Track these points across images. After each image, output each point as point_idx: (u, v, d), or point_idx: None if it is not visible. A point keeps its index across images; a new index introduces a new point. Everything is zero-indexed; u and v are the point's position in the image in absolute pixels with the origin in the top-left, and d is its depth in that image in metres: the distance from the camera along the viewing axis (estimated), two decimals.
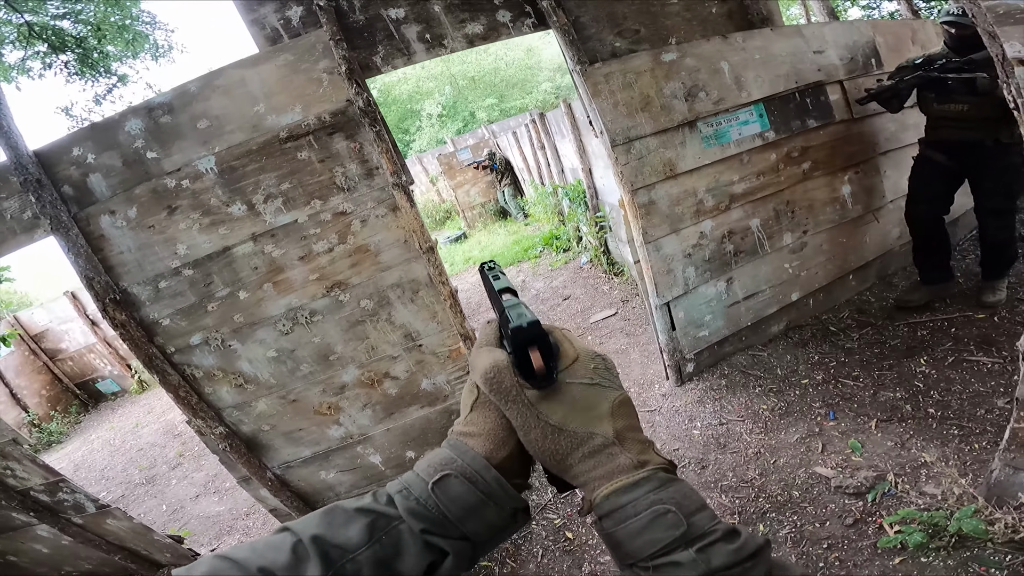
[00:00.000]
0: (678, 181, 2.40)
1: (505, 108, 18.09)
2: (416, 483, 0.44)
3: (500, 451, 0.46)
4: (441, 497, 0.43)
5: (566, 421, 0.45)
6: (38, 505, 2.23)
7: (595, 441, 0.44)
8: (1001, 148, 2.36)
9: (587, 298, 4.66)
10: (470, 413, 0.49)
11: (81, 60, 8.52)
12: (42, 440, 5.96)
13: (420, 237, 1.98)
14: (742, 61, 2.40)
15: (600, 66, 2.18)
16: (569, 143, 4.67)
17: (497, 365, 0.46)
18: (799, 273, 2.83)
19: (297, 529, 0.41)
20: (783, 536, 1.84)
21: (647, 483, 0.42)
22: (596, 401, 0.46)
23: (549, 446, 0.45)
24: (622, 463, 0.43)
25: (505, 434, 0.47)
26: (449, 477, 0.43)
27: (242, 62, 1.81)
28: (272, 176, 1.86)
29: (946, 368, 2.36)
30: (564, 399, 0.45)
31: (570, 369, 0.47)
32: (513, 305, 0.49)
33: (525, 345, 0.45)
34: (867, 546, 1.71)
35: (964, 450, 1.93)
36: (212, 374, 2.05)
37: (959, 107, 2.38)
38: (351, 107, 1.84)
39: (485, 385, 0.46)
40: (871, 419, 2.21)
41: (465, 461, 0.44)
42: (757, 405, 2.51)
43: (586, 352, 0.49)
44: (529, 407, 0.45)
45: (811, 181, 2.69)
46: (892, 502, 1.81)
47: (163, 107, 1.79)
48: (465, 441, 0.47)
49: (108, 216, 1.83)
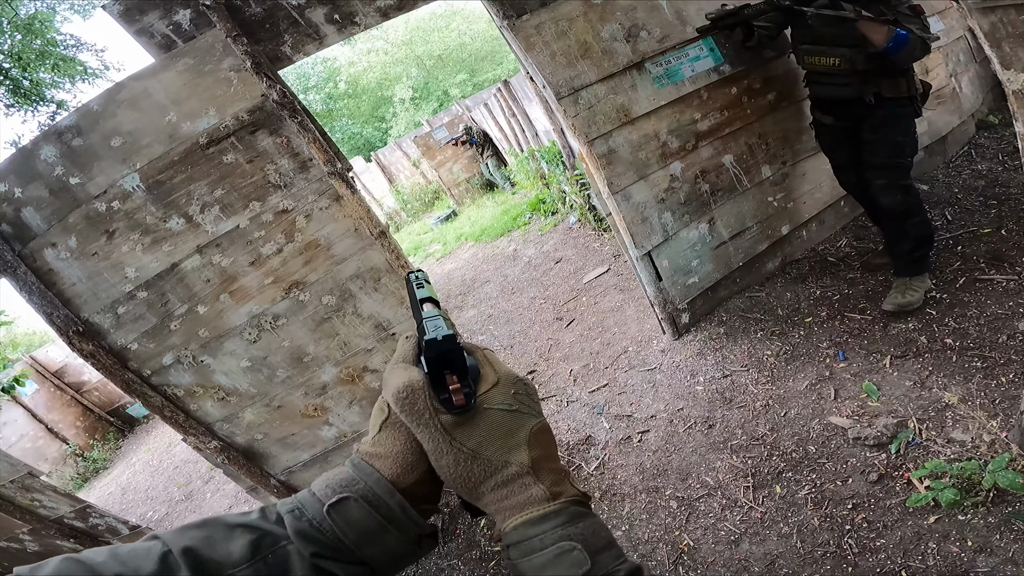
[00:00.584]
0: (636, 126, 2.26)
1: (478, 82, 17.75)
2: (311, 503, 0.41)
3: (408, 475, 0.44)
4: (337, 520, 0.40)
5: (481, 448, 0.43)
6: (75, 531, 2.30)
7: (509, 470, 0.43)
8: (883, 102, 2.07)
9: (579, 258, 4.57)
10: (378, 433, 0.46)
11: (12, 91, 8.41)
12: (88, 468, 6.24)
13: (369, 223, 1.90)
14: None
15: (529, 17, 2.05)
16: (537, 106, 4.48)
17: (411, 385, 0.43)
18: (785, 205, 2.69)
19: (168, 539, 0.38)
20: (802, 497, 1.72)
21: (556, 516, 0.40)
22: (514, 428, 0.44)
23: (462, 473, 0.43)
24: (534, 494, 0.42)
25: (415, 458, 0.44)
26: (348, 500, 0.41)
27: (140, 73, 1.74)
28: (203, 184, 1.80)
29: (958, 290, 2.19)
30: (480, 425, 0.43)
31: (489, 394, 0.45)
32: (431, 317, 0.47)
33: (441, 362, 0.44)
34: (896, 504, 1.57)
35: (990, 385, 1.76)
36: (192, 391, 2.04)
37: (830, 60, 2.09)
38: (267, 101, 1.76)
39: (397, 405, 0.43)
40: (884, 356, 2.05)
41: (368, 484, 0.42)
42: (761, 351, 2.38)
43: (507, 376, 0.47)
44: (443, 432, 0.43)
45: (780, 112, 2.53)
46: (918, 452, 1.66)
47: (71, 130, 1.73)
48: (371, 462, 0.44)
49: (51, 249, 1.80)
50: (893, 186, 2.15)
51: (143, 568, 0.35)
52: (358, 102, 19.04)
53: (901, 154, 2.15)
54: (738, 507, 1.81)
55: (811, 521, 1.65)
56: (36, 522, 2.05)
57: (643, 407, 2.46)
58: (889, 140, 2.13)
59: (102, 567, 0.34)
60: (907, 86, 2.04)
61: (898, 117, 2.11)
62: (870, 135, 2.18)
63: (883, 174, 2.17)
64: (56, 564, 0.34)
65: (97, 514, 2.33)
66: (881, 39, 1.83)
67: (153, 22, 1.72)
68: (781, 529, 1.68)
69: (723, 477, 1.94)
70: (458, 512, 2.31)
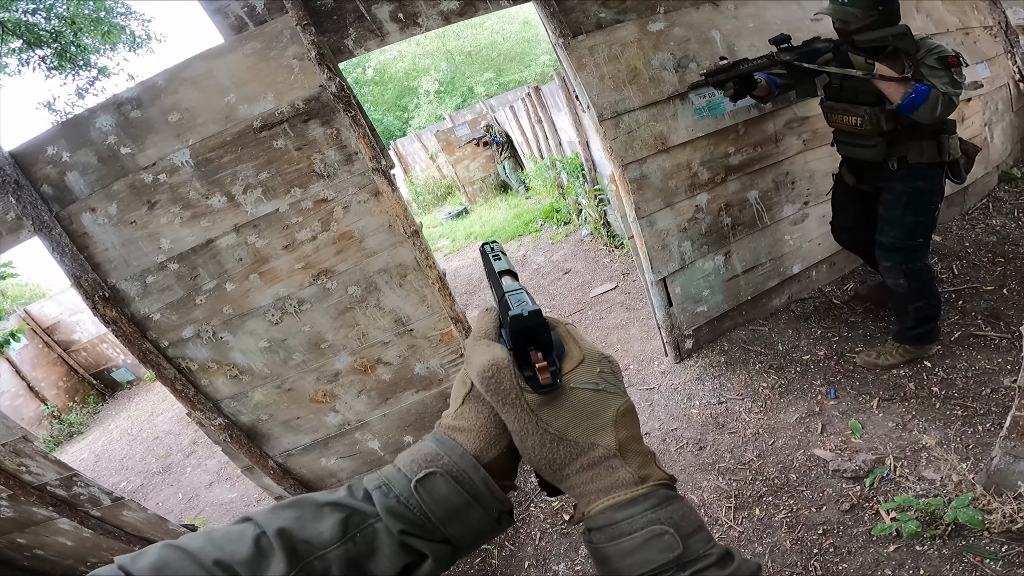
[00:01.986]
0: (670, 154, 2.31)
1: (503, 82, 17.72)
2: (397, 479, 0.41)
3: (490, 450, 0.43)
4: (424, 497, 0.39)
5: (567, 429, 0.41)
6: (56, 499, 2.28)
7: (596, 452, 0.41)
8: (907, 170, 1.91)
9: (587, 271, 4.62)
10: (460, 406, 0.45)
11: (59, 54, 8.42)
12: (63, 431, 6.06)
13: (404, 221, 1.94)
14: (734, 29, 2.28)
15: (584, 38, 2.08)
16: (565, 116, 4.55)
17: (496, 363, 0.42)
18: (800, 245, 2.76)
19: (261, 520, 0.38)
20: (779, 521, 1.83)
21: (645, 500, 0.39)
22: (600, 409, 0.42)
23: (547, 455, 0.42)
24: (622, 477, 0.40)
25: (497, 432, 0.43)
26: (434, 475, 0.40)
27: (207, 53, 1.76)
28: (249, 166, 1.82)
29: (952, 343, 2.29)
30: (566, 405, 0.42)
31: (574, 372, 0.43)
32: (514, 291, 0.45)
33: (525, 338, 0.42)
34: (862, 532, 1.69)
35: (967, 432, 1.88)
36: (207, 366, 2.06)
37: (853, 119, 1.92)
38: (324, 93, 1.78)
39: (481, 384, 0.42)
40: (873, 398, 2.16)
41: (452, 458, 0.41)
42: (757, 383, 2.47)
43: (592, 353, 0.45)
44: (528, 412, 0.41)
45: (811, 152, 2.58)
46: (890, 487, 1.79)
47: (131, 102, 1.75)
48: (453, 436, 0.43)
49: (89, 214, 1.82)
50: (896, 269, 2.04)
51: (239, 552, 0.36)
52: (383, 90, 18.95)
53: (912, 236, 2.00)
54: (718, 525, 1.90)
55: (783, 543, 1.75)
56: (18, 488, 2.03)
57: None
58: (901, 220, 1.98)
59: (200, 552, 0.35)
60: (937, 150, 1.86)
61: (918, 193, 1.95)
62: (884, 211, 2.04)
63: (889, 256, 2.05)
64: (156, 551, 0.35)
65: (82, 483, 2.29)
66: (897, 95, 1.70)
67: (230, 2, 1.74)
68: (755, 548, 1.77)
69: (708, 496, 2.03)
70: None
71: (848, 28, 1.81)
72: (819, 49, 1.86)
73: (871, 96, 1.83)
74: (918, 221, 1.99)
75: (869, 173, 2.10)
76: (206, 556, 0.35)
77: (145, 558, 0.34)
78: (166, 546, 0.36)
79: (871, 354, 2.28)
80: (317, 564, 0.37)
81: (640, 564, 0.37)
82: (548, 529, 2.13)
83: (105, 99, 1.77)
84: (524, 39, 18.78)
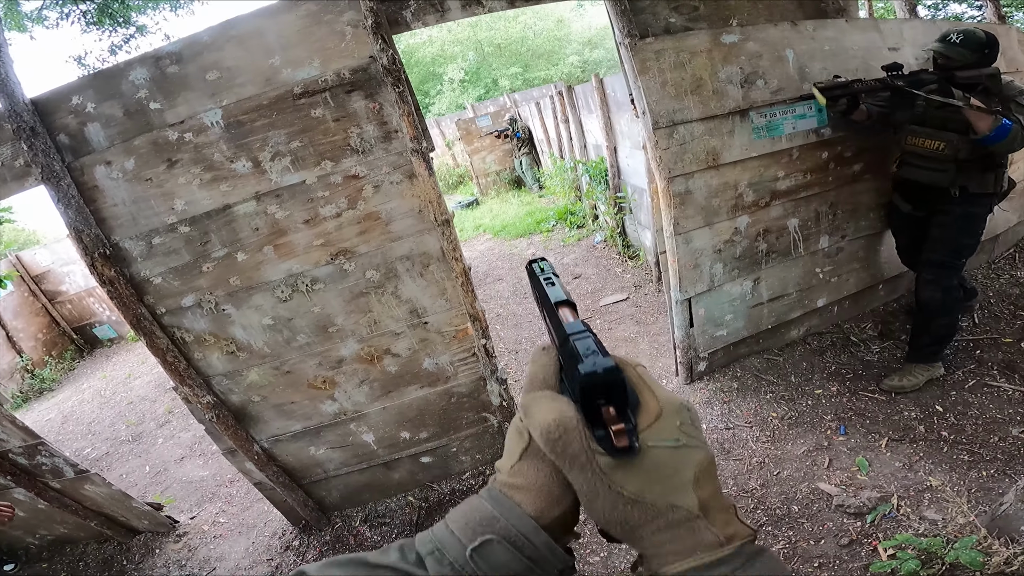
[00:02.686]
0: (720, 172, 2.23)
1: (528, 78, 17.65)
2: (452, 545, 0.38)
3: (553, 510, 0.39)
4: (481, 565, 0.37)
5: (644, 492, 0.37)
6: (16, 468, 2.17)
7: (676, 515, 0.37)
8: (966, 197, 2.12)
9: (599, 279, 4.54)
10: (518, 462, 0.41)
11: (100, 9, 8.23)
12: (34, 387, 5.83)
13: (436, 208, 1.83)
14: (809, 51, 2.21)
15: (652, 41, 1.99)
16: (596, 119, 4.45)
17: (563, 424, 0.37)
18: (830, 279, 2.68)
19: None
20: (776, 551, 1.80)
21: (733, 560, 0.36)
22: (680, 467, 0.38)
23: (618, 517, 0.37)
24: (706, 539, 0.36)
25: (560, 492, 0.40)
26: (492, 542, 0.37)
27: (261, 11, 1.66)
28: (282, 133, 1.71)
29: (965, 391, 2.31)
30: (643, 466, 0.37)
31: (652, 428, 0.38)
32: (579, 335, 0.38)
33: (596, 397, 0.36)
34: (858, 568, 1.68)
35: (971, 476, 1.90)
36: (203, 339, 1.94)
37: (935, 144, 2.11)
38: (374, 64, 1.68)
39: (546, 445, 0.38)
40: (882, 437, 2.17)
41: (511, 522, 0.38)
42: (767, 412, 2.45)
43: (671, 404, 0.39)
44: (600, 476, 0.37)
45: (860, 184, 2.51)
46: (891, 525, 1.79)
47: (171, 56, 1.65)
48: (512, 495, 0.40)
49: (103, 167, 1.70)
50: (935, 283, 2.23)
51: None
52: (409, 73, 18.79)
53: (959, 255, 2.21)
54: None
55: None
56: None
57: None
58: (953, 240, 2.19)
59: None
60: (994, 182, 2.09)
61: (970, 218, 2.16)
62: (937, 231, 2.22)
63: (933, 271, 2.23)
64: None
65: (47, 452, 2.20)
66: (985, 127, 1.88)
67: None
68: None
69: None
70: None
71: (951, 65, 1.99)
72: (925, 80, 2.02)
73: (957, 125, 2.00)
74: (966, 243, 2.21)
75: (925, 199, 2.28)
76: None
77: None
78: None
79: (894, 379, 2.39)
80: None
81: None
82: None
83: (144, 52, 1.69)
84: (556, 37, 18.71)
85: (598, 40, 18.88)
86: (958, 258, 2.21)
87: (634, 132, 3.63)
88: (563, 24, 18.82)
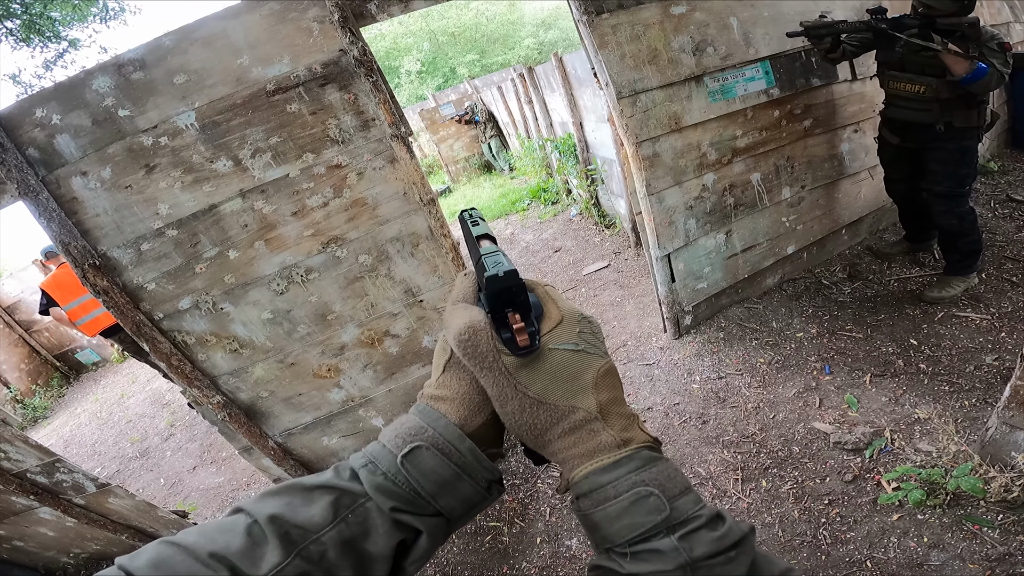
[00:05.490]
0: (683, 134, 2.35)
1: (487, 64, 17.45)
2: (383, 456, 0.39)
3: (475, 418, 0.42)
4: (412, 471, 0.38)
5: (546, 393, 0.40)
6: (37, 487, 2.17)
7: (576, 416, 0.40)
8: (953, 132, 2.26)
9: (578, 250, 4.63)
10: (442, 374, 0.44)
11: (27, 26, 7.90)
12: (27, 416, 5.74)
13: (421, 189, 1.89)
14: (751, 18, 2.34)
15: (608, 17, 2.08)
16: (559, 97, 4.51)
17: (473, 326, 0.40)
18: (796, 227, 2.83)
19: (252, 509, 0.37)
20: (785, 492, 1.88)
21: (629, 462, 0.38)
22: (580, 370, 0.41)
23: (527, 420, 0.41)
24: (604, 441, 0.39)
25: (480, 399, 0.42)
26: (420, 449, 0.39)
27: (222, 13, 1.66)
28: (259, 130, 1.73)
29: (936, 323, 2.41)
30: (545, 367, 0.41)
31: (553, 333, 0.42)
32: (491, 253, 0.43)
33: (502, 300, 0.41)
34: (866, 502, 1.75)
35: (955, 406, 1.98)
36: (205, 339, 1.97)
37: (916, 87, 2.25)
38: (345, 57, 1.71)
39: (459, 348, 0.41)
40: (865, 373, 2.25)
41: (437, 430, 0.40)
42: (754, 358, 2.54)
43: (571, 313, 0.44)
44: (507, 376, 0.40)
45: (812, 138, 2.67)
46: (888, 458, 1.86)
47: (134, 63, 1.64)
48: (436, 407, 0.42)
49: (80, 177, 1.70)
50: (950, 212, 2.39)
51: (232, 543, 0.35)
52: None
53: (962, 184, 2.36)
54: (727, 497, 1.95)
55: (791, 513, 1.81)
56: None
57: (640, 399, 2.57)
58: (952, 172, 2.34)
59: (195, 546, 0.34)
60: (978, 117, 2.21)
61: (963, 151, 2.30)
62: (935, 166, 2.37)
63: (943, 202, 2.40)
64: (153, 549, 0.34)
65: (66, 469, 2.20)
66: (961, 70, 2.00)
67: None
68: (764, 519, 1.83)
69: (714, 469, 2.08)
70: None
71: (934, 14, 2.06)
72: (906, 24, 2.13)
73: (935, 69, 2.13)
74: (967, 173, 2.35)
75: (913, 134, 2.41)
76: (201, 550, 0.34)
77: (142, 556, 0.34)
78: (161, 543, 0.35)
79: (933, 290, 2.55)
80: (312, 548, 0.36)
81: (629, 528, 0.36)
82: (557, 504, 2.15)
83: (103, 60, 1.68)
84: (509, 21, 18.49)
85: (551, 20, 18.71)
86: (961, 186, 2.36)
87: (598, 106, 3.70)
88: (515, 7, 18.54)
